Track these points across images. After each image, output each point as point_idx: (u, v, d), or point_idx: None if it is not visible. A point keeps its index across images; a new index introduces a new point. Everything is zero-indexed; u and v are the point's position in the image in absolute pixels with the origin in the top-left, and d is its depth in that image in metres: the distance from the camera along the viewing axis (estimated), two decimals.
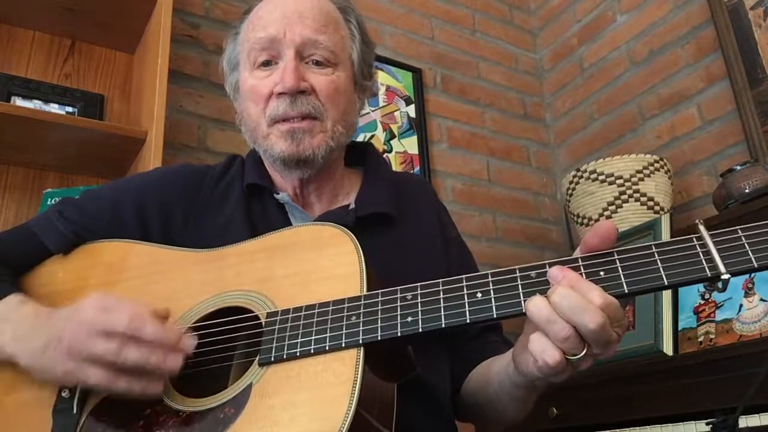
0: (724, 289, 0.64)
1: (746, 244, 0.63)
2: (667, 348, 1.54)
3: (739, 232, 0.64)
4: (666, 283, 0.65)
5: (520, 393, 0.82)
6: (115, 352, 0.70)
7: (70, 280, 0.91)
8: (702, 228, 0.66)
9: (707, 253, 0.64)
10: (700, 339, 1.50)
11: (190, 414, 0.73)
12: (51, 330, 0.75)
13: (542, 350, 0.65)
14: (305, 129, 0.93)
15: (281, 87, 0.93)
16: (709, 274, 0.64)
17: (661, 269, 0.65)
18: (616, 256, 0.67)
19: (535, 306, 0.65)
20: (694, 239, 0.66)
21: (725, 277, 0.63)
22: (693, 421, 1.29)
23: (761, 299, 1.42)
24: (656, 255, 0.66)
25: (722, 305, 1.50)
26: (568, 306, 0.64)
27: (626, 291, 0.66)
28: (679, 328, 1.56)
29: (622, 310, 0.66)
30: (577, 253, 0.70)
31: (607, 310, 0.64)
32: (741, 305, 1.45)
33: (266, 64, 0.96)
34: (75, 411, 0.76)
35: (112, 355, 0.70)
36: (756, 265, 0.62)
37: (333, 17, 1.00)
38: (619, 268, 0.66)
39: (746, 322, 1.43)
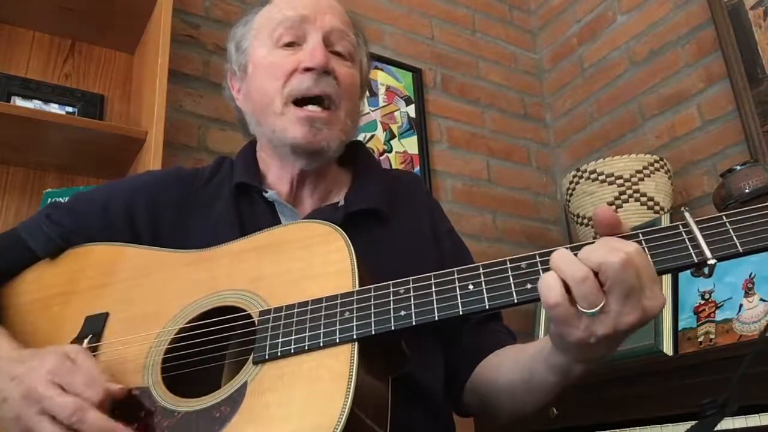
0: (710, 275, 0.65)
1: (731, 230, 0.64)
2: (667, 348, 1.54)
3: (724, 218, 0.65)
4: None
5: (552, 379, 0.78)
6: None
7: (58, 285, 0.90)
8: (687, 215, 0.67)
9: (693, 239, 0.65)
10: (700, 339, 1.50)
11: (185, 414, 0.73)
12: (6, 385, 0.73)
13: (547, 285, 0.64)
14: (325, 120, 0.94)
15: (310, 62, 0.93)
16: (695, 260, 0.64)
17: (648, 256, 0.66)
18: None
19: (558, 252, 0.65)
20: (680, 226, 0.67)
21: (711, 262, 0.64)
22: (693, 421, 1.29)
23: (761, 299, 1.42)
24: (644, 243, 0.67)
25: (722, 305, 1.50)
26: (591, 250, 0.63)
27: None
28: (679, 328, 1.56)
29: (654, 274, 0.64)
30: None
31: (638, 258, 0.62)
32: (741, 305, 1.45)
33: (290, 45, 0.97)
34: None
35: None
36: (741, 250, 0.63)
37: (351, 23, 1.04)
38: None
39: (746, 322, 1.43)
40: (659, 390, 1.38)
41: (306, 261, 0.79)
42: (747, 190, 1.67)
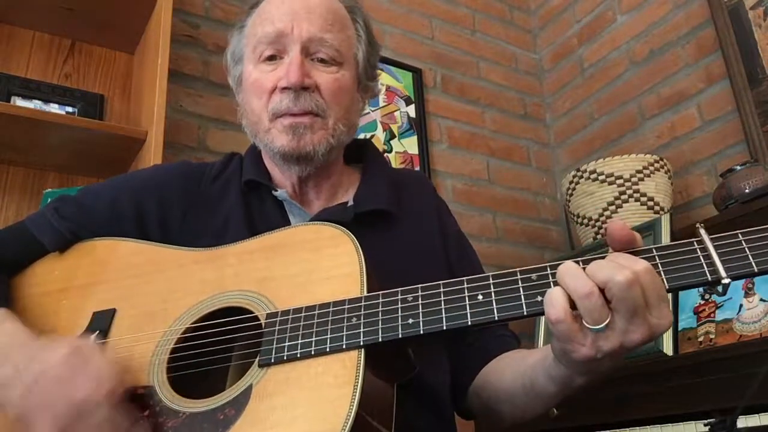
0: (724, 293, 0.64)
1: (747, 249, 0.64)
2: (667, 348, 1.54)
3: (740, 236, 0.64)
4: (667, 287, 0.65)
5: (553, 389, 0.77)
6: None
7: (66, 279, 0.90)
8: (703, 232, 0.66)
9: (708, 257, 0.64)
10: (700, 339, 1.50)
11: (189, 415, 0.73)
12: (16, 365, 0.72)
13: (550, 301, 0.64)
14: (307, 124, 0.93)
15: (285, 82, 0.93)
16: (710, 279, 0.64)
17: (662, 273, 0.65)
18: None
19: (565, 265, 0.64)
20: (695, 243, 0.66)
21: (726, 281, 0.63)
22: (693, 421, 1.29)
23: (761, 299, 1.42)
24: (657, 258, 0.66)
25: (722, 305, 1.50)
26: (599, 267, 0.63)
27: None
28: (679, 328, 1.56)
29: (664, 293, 0.63)
30: None
31: (646, 276, 0.62)
32: (741, 305, 1.45)
33: (271, 58, 0.96)
34: None
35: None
36: (756, 270, 0.63)
37: (340, 16, 1.00)
38: None
39: (746, 322, 1.43)
40: (659, 390, 1.38)
41: (314, 263, 0.79)
42: (747, 190, 1.67)
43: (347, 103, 0.98)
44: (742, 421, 1.20)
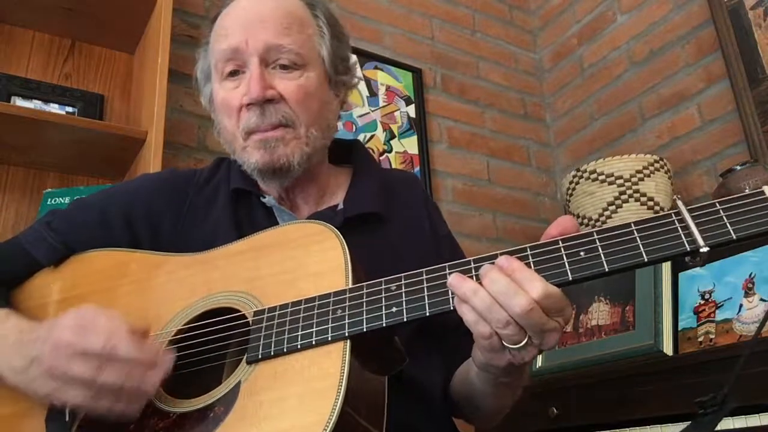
0: (703, 263, 0.65)
1: (724, 217, 0.64)
2: (667, 348, 1.54)
3: (717, 205, 0.65)
4: (646, 260, 0.65)
5: (487, 388, 0.84)
6: (93, 373, 0.70)
7: (61, 291, 0.92)
8: (680, 203, 0.66)
9: (686, 227, 0.65)
10: (700, 339, 1.50)
11: (180, 415, 0.74)
12: (31, 349, 0.75)
13: (475, 322, 0.68)
14: (278, 137, 0.92)
15: (248, 98, 0.91)
16: (688, 248, 0.64)
17: (640, 246, 0.66)
18: (596, 236, 0.68)
19: (472, 291, 0.68)
20: (673, 215, 0.66)
21: (704, 249, 0.63)
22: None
23: (761, 299, 1.42)
24: (635, 233, 0.66)
25: (722, 305, 1.50)
26: (498, 290, 0.66)
27: (606, 269, 0.66)
28: (679, 328, 1.56)
29: (564, 300, 0.67)
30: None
31: (544, 301, 0.65)
32: (741, 305, 1.45)
33: (233, 73, 0.94)
34: (68, 418, 0.76)
35: (89, 376, 0.70)
36: (734, 237, 0.63)
37: (297, 16, 0.97)
38: (599, 248, 0.67)
39: (746, 322, 1.43)
40: (659, 390, 1.38)
41: (301, 260, 0.80)
42: (747, 190, 1.66)
43: (317, 106, 0.96)
44: (742, 421, 1.21)
